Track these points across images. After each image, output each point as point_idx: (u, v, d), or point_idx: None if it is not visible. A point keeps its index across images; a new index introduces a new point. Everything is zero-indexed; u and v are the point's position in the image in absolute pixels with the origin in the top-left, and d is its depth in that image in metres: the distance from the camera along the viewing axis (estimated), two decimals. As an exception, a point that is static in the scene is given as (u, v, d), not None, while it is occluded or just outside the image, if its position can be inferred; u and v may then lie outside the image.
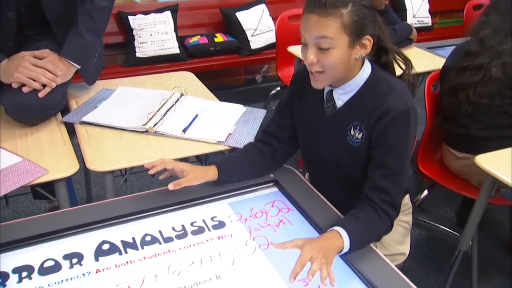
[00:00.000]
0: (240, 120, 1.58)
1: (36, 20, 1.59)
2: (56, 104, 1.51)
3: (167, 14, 3.21)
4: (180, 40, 3.24)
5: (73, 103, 1.65)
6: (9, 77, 1.43)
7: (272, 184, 1.31)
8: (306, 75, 1.15)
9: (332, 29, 1.01)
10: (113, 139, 1.42)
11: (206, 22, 3.52)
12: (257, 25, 3.44)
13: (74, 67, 1.56)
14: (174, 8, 3.26)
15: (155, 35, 3.13)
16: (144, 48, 3.12)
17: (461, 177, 1.92)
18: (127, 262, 1.01)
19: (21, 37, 1.60)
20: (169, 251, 1.05)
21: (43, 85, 1.45)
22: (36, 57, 1.48)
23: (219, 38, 3.38)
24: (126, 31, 3.15)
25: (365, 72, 1.13)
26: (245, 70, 4.01)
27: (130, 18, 3.11)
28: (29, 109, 1.43)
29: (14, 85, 1.43)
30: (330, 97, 1.18)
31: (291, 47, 2.57)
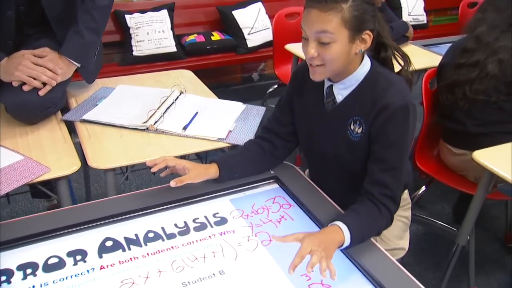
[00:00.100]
0: (240, 118, 1.59)
1: (36, 19, 1.59)
2: (57, 103, 1.51)
3: (164, 13, 3.20)
4: (177, 39, 3.24)
5: (73, 102, 1.65)
6: (9, 76, 1.43)
7: (273, 181, 1.32)
8: (306, 72, 1.16)
9: (333, 24, 1.02)
10: (114, 137, 1.43)
11: (203, 21, 3.52)
12: (254, 23, 3.44)
13: (74, 66, 1.57)
14: (171, 7, 3.26)
15: (152, 34, 3.13)
16: (141, 47, 3.11)
17: (458, 173, 1.94)
18: (131, 259, 1.02)
19: (21, 36, 1.60)
20: (172, 248, 1.06)
21: (44, 84, 1.46)
22: (36, 56, 1.48)
23: (216, 37, 3.38)
24: (123, 30, 3.14)
25: (365, 67, 1.15)
26: (242, 68, 4.01)
27: (127, 17, 3.10)
28: (30, 108, 1.44)
29: (15, 84, 1.43)
30: (330, 92, 1.19)
31: (289, 45, 2.57)
